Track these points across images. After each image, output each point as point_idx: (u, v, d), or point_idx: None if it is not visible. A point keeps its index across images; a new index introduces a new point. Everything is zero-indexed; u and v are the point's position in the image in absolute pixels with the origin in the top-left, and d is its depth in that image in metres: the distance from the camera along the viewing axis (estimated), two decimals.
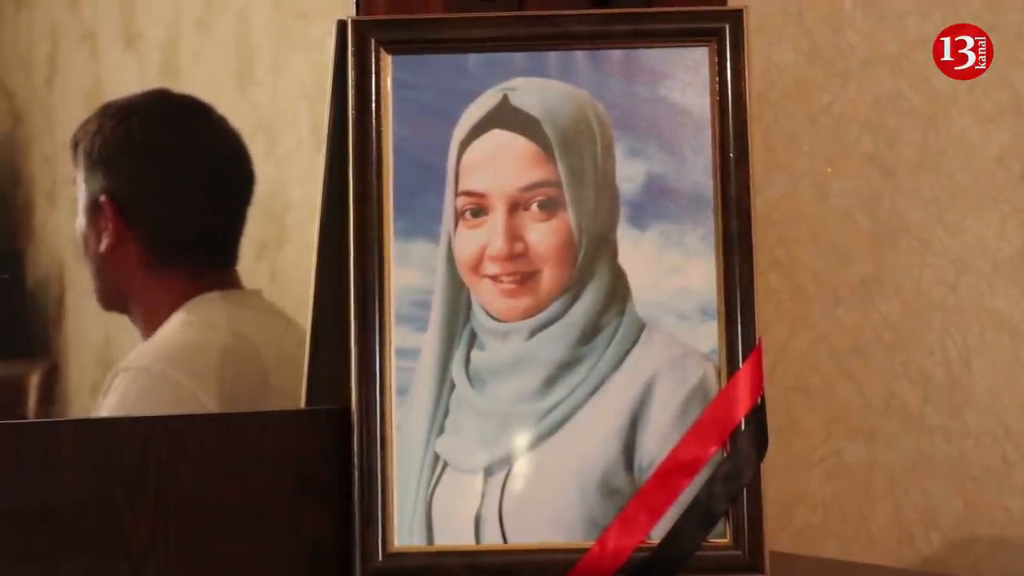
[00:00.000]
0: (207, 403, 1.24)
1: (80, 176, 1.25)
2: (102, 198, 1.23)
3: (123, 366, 1.24)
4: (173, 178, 1.27)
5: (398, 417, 1.17)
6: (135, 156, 1.25)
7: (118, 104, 1.26)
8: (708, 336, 1.18)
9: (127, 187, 1.25)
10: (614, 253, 1.18)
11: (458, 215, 1.19)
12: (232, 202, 1.28)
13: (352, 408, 1.16)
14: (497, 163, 1.18)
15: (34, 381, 1.28)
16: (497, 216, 1.18)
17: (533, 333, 1.18)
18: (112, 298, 1.26)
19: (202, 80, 1.32)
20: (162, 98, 1.28)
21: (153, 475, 1.14)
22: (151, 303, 1.25)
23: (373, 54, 1.19)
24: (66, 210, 1.29)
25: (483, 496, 1.16)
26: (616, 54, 1.20)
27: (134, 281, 1.25)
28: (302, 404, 1.22)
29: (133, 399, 1.22)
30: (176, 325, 1.25)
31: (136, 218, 1.24)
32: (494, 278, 1.18)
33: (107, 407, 1.23)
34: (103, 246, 1.24)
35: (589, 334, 1.18)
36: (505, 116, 1.19)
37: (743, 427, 1.17)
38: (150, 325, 1.25)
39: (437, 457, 1.17)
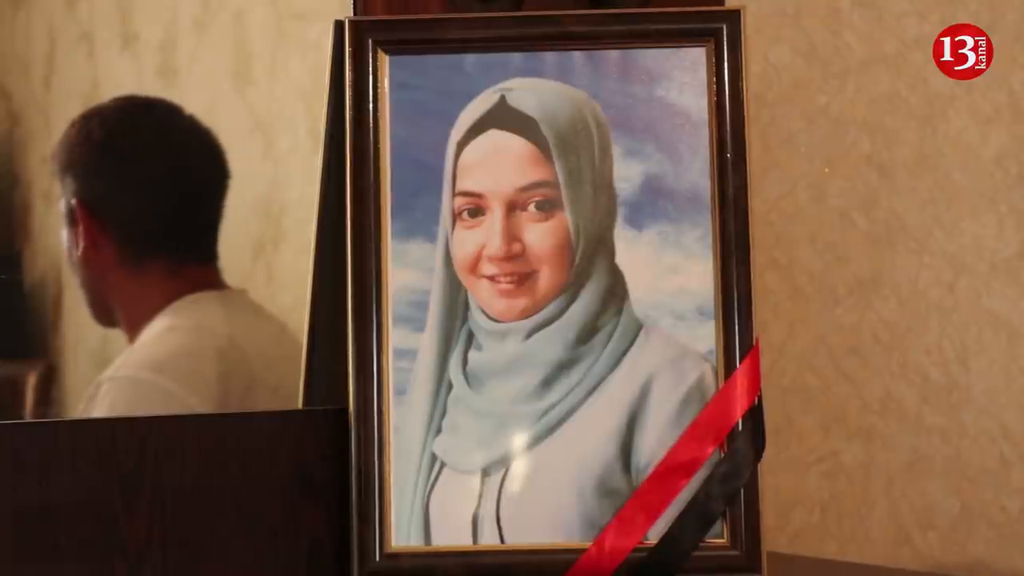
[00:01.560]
0: (198, 409, 1.24)
1: (57, 187, 1.27)
2: (73, 202, 1.24)
3: (108, 375, 1.24)
4: (138, 177, 1.27)
5: (396, 417, 1.17)
6: (97, 156, 1.26)
7: (83, 112, 1.27)
8: (705, 336, 1.18)
9: (94, 188, 1.25)
10: (611, 253, 1.18)
11: (456, 215, 1.19)
12: (204, 196, 1.28)
13: (350, 408, 1.16)
14: (495, 163, 1.18)
15: (31, 382, 1.28)
16: (495, 216, 1.18)
17: (531, 333, 1.18)
18: (100, 307, 1.27)
19: (199, 81, 1.31)
20: (125, 101, 1.29)
21: (150, 476, 1.14)
22: (133, 304, 1.25)
23: (370, 54, 1.19)
24: None
25: (481, 496, 1.16)
26: (613, 54, 1.20)
27: (114, 283, 1.25)
28: (299, 404, 1.22)
29: (122, 409, 1.22)
30: (161, 330, 1.25)
31: (107, 218, 1.25)
32: (492, 278, 1.18)
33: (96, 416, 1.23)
34: (80, 250, 1.24)
35: (587, 334, 1.18)
36: (502, 116, 1.19)
37: (740, 427, 1.17)
38: (134, 327, 1.25)
39: (435, 457, 1.17)
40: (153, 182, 1.27)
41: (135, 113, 1.28)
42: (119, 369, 1.24)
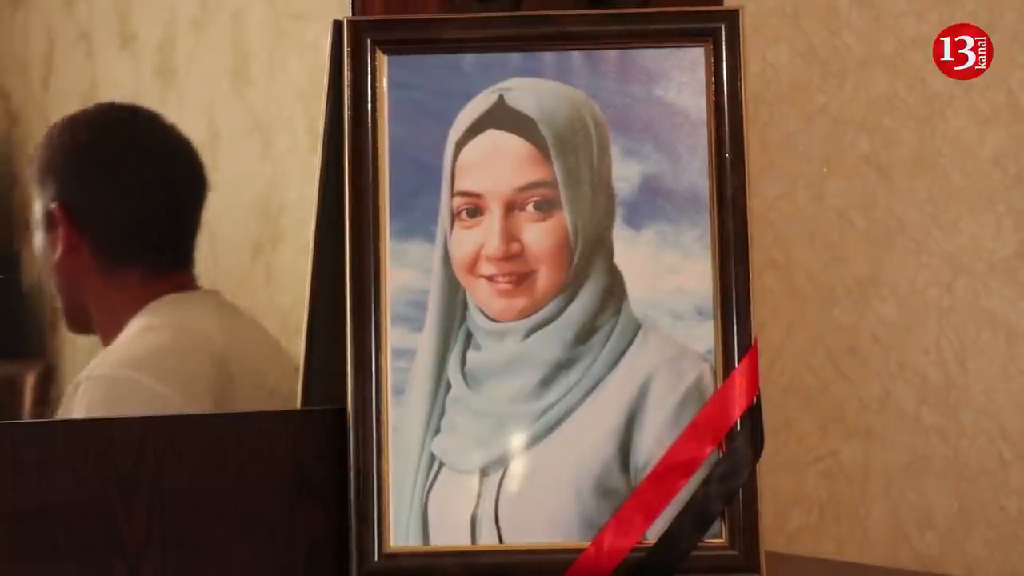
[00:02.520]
0: (176, 403, 1.24)
1: (35, 193, 1.27)
2: (53, 205, 1.24)
3: (85, 375, 1.24)
4: (119, 182, 1.27)
5: (394, 417, 1.17)
6: (81, 161, 1.26)
7: (65, 118, 1.28)
8: (704, 336, 1.18)
9: (75, 192, 1.26)
10: (610, 253, 1.18)
11: (454, 215, 1.19)
12: (181, 204, 1.29)
13: (348, 408, 1.16)
14: (493, 163, 1.18)
15: (29, 382, 1.28)
16: (493, 216, 1.18)
17: (529, 333, 1.18)
18: (77, 313, 1.27)
19: (197, 81, 1.32)
20: (107, 107, 1.29)
21: (148, 475, 1.14)
22: (108, 309, 1.25)
23: (369, 54, 1.19)
24: None
25: (479, 496, 1.16)
26: (612, 54, 1.20)
27: (90, 288, 1.26)
28: (298, 404, 1.22)
29: (100, 407, 1.22)
30: (138, 329, 1.26)
31: (86, 222, 1.25)
32: (490, 278, 1.18)
33: (75, 416, 1.23)
34: (57, 254, 1.24)
35: (585, 334, 1.18)
36: (501, 116, 1.19)
37: (739, 427, 1.17)
38: (110, 332, 1.25)
39: (433, 457, 1.17)
40: (134, 189, 1.28)
41: (120, 119, 1.29)
42: (96, 368, 1.24)
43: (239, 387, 1.26)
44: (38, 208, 1.26)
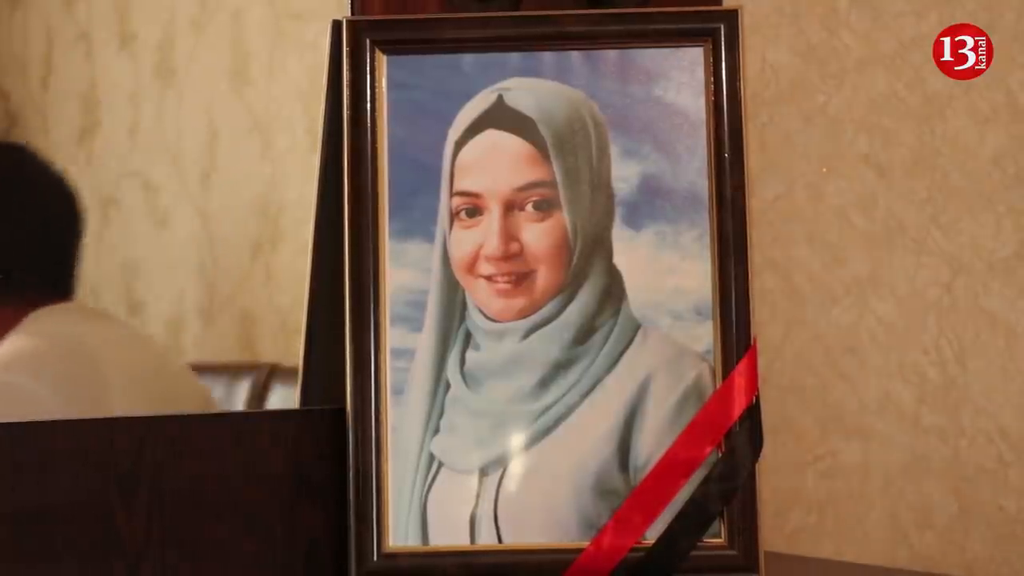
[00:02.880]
0: (49, 402, 1.24)
1: None
2: None
3: None
4: None
5: (393, 417, 1.17)
6: None
7: None
8: (703, 336, 1.18)
9: None
10: (609, 253, 1.19)
11: (453, 215, 1.19)
12: (58, 238, 1.29)
13: (347, 408, 1.16)
14: (492, 163, 1.19)
15: None
16: (492, 216, 1.18)
17: (528, 333, 1.18)
18: None
19: (197, 80, 1.32)
20: None
21: (147, 475, 1.14)
22: None
23: (368, 54, 1.19)
24: None
25: (478, 496, 1.16)
26: (611, 54, 1.20)
27: None
28: (297, 404, 1.22)
29: None
30: (7, 340, 1.26)
31: None
32: (489, 278, 1.18)
33: None
34: None
35: (584, 334, 1.18)
36: (500, 116, 1.19)
37: (738, 427, 1.17)
38: None
39: (432, 457, 1.17)
40: (11, 223, 1.27)
41: None
42: None
43: (116, 385, 1.27)
44: None
